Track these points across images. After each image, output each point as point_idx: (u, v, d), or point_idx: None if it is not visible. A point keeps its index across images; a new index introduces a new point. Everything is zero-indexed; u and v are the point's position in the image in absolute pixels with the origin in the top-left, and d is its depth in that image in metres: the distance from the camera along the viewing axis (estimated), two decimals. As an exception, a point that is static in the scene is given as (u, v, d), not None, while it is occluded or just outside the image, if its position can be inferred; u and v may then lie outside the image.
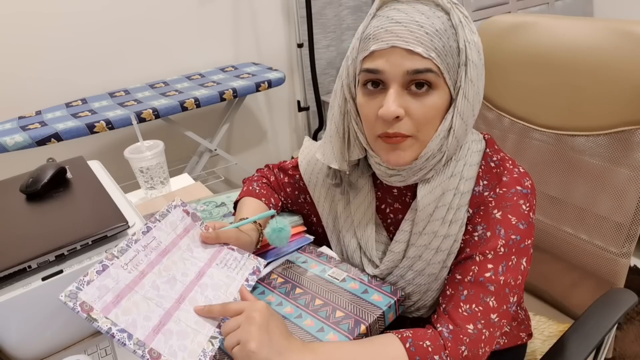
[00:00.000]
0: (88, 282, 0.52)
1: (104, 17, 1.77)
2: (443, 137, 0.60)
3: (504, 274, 0.61)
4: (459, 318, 0.60)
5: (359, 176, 0.73)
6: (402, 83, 0.57)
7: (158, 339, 0.52)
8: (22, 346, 0.64)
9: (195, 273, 0.62)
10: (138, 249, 0.60)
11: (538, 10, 2.60)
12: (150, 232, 0.63)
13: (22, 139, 1.38)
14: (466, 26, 0.58)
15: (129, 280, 0.56)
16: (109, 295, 0.53)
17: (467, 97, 0.59)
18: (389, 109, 0.57)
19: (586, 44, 0.85)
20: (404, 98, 0.58)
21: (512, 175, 0.65)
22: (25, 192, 0.76)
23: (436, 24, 0.56)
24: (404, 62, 0.56)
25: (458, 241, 0.65)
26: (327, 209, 0.80)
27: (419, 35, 0.55)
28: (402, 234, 0.69)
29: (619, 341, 1.48)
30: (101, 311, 0.51)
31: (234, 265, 0.67)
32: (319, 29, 2.28)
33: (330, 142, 0.70)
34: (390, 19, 0.57)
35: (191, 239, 0.67)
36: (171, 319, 0.55)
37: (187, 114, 2.02)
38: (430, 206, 0.65)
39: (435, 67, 0.56)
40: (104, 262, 0.55)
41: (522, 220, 0.63)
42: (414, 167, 0.63)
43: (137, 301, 0.54)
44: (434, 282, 0.68)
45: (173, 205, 0.68)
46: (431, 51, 0.55)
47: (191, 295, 0.59)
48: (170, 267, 0.61)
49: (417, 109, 0.58)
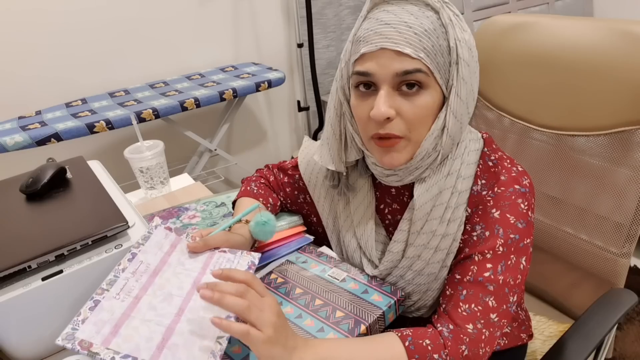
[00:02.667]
0: (83, 321, 0.52)
1: (104, 16, 1.77)
2: (437, 136, 0.61)
3: (503, 274, 0.61)
4: (458, 318, 0.60)
5: (358, 177, 0.73)
6: (392, 84, 0.58)
7: (164, 354, 0.51)
8: (22, 346, 0.64)
9: (191, 284, 0.62)
10: (127, 276, 0.59)
11: (538, 10, 2.60)
12: (135, 257, 0.62)
13: (22, 139, 1.38)
14: (456, 24, 0.58)
15: (124, 308, 0.55)
16: (107, 328, 0.52)
17: (460, 95, 0.59)
18: (380, 110, 0.57)
19: (586, 44, 0.85)
20: (395, 99, 0.58)
21: (510, 174, 0.65)
22: (25, 192, 0.76)
23: (425, 23, 0.56)
24: (393, 64, 0.56)
25: (457, 240, 0.65)
26: (327, 209, 0.80)
27: (408, 36, 0.56)
28: (401, 233, 0.69)
29: (619, 341, 1.48)
30: (101, 344, 0.50)
31: (228, 266, 0.66)
32: (319, 29, 2.28)
33: (328, 143, 0.70)
34: (380, 20, 0.58)
35: (180, 253, 0.66)
36: (174, 333, 0.54)
37: (187, 114, 2.02)
38: (427, 205, 0.65)
39: (424, 67, 0.57)
40: (95, 298, 0.55)
41: (520, 219, 0.63)
42: (409, 167, 0.63)
43: (137, 326, 0.54)
44: (434, 281, 0.68)
45: (154, 226, 0.67)
46: (420, 51, 0.56)
47: (190, 304, 0.59)
48: (164, 285, 0.60)
49: (409, 109, 0.58)
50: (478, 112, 1.05)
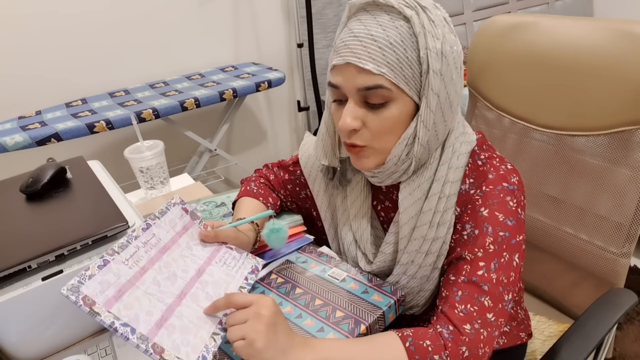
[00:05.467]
0: (90, 277, 0.52)
1: (103, 17, 1.77)
2: (408, 143, 0.62)
3: (496, 272, 0.61)
4: (455, 319, 0.60)
5: (354, 172, 0.75)
6: (357, 98, 0.60)
7: (161, 333, 0.52)
8: (22, 346, 0.64)
9: (195, 270, 0.62)
10: (138, 245, 0.60)
11: (538, 10, 2.60)
12: (149, 229, 0.63)
13: (22, 139, 1.38)
14: (429, 32, 0.57)
15: (130, 275, 0.56)
16: (111, 290, 0.53)
17: (430, 107, 0.59)
18: (345, 122, 0.60)
19: (586, 44, 0.85)
20: (361, 111, 0.60)
21: (498, 172, 0.65)
22: (25, 192, 0.76)
23: (391, 35, 0.56)
24: (356, 79, 0.58)
25: (447, 243, 0.66)
26: (326, 203, 0.81)
27: (372, 51, 0.56)
28: (391, 235, 0.70)
29: (619, 341, 1.48)
30: (103, 305, 0.51)
31: (233, 264, 0.67)
32: (319, 29, 2.28)
33: (322, 139, 0.72)
34: (351, 32, 0.59)
35: (190, 237, 0.67)
36: (173, 314, 0.55)
37: (187, 114, 2.02)
38: (411, 209, 0.66)
39: (387, 82, 0.57)
40: (104, 257, 0.55)
41: (509, 216, 0.63)
42: (385, 171, 0.65)
43: (139, 296, 0.54)
44: (426, 283, 0.69)
45: (172, 203, 0.68)
46: (382, 66, 0.56)
47: (192, 291, 0.59)
48: (170, 264, 0.61)
49: (373, 120, 0.60)
50: (478, 112, 1.05)
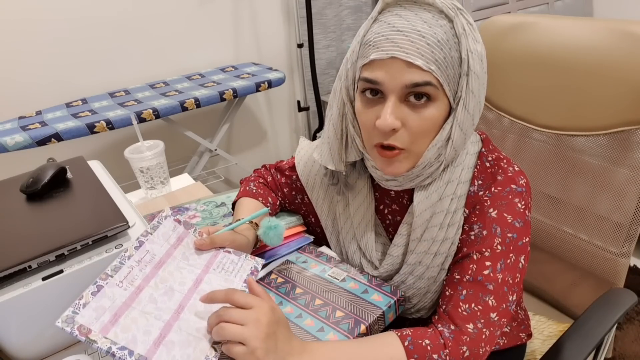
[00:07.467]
0: (84, 305, 0.52)
1: (104, 16, 1.77)
2: (440, 146, 0.60)
3: (502, 272, 0.61)
4: (458, 318, 0.60)
5: (357, 177, 0.73)
6: (400, 95, 0.57)
7: (160, 351, 0.51)
8: (22, 346, 0.64)
9: (193, 280, 0.61)
10: (132, 264, 0.59)
11: (538, 10, 2.60)
12: (143, 246, 0.62)
13: (22, 139, 1.39)
14: (470, 35, 0.56)
15: (125, 297, 0.55)
16: (107, 315, 0.52)
17: (468, 108, 0.58)
18: (386, 121, 0.56)
19: (586, 44, 0.85)
20: (401, 109, 0.57)
21: (506, 174, 0.65)
22: (25, 192, 0.76)
23: (438, 33, 0.54)
24: (403, 75, 0.55)
25: (455, 243, 0.66)
26: (326, 211, 0.80)
27: (420, 46, 0.54)
28: (400, 237, 0.69)
29: (619, 341, 1.48)
30: (99, 332, 0.50)
31: (232, 268, 0.66)
32: (319, 29, 2.28)
33: (328, 142, 0.69)
34: (392, 26, 0.55)
35: (186, 247, 0.66)
36: (172, 330, 0.54)
37: (187, 114, 2.02)
38: (426, 212, 0.65)
39: (434, 79, 0.55)
40: (98, 283, 0.54)
41: (518, 218, 0.63)
42: (410, 175, 0.63)
43: (136, 317, 0.54)
44: (433, 284, 0.68)
45: (163, 217, 0.67)
46: (431, 64, 0.54)
47: (190, 302, 0.58)
48: (166, 278, 0.60)
49: (415, 120, 0.57)
50: (478, 112, 1.06)
